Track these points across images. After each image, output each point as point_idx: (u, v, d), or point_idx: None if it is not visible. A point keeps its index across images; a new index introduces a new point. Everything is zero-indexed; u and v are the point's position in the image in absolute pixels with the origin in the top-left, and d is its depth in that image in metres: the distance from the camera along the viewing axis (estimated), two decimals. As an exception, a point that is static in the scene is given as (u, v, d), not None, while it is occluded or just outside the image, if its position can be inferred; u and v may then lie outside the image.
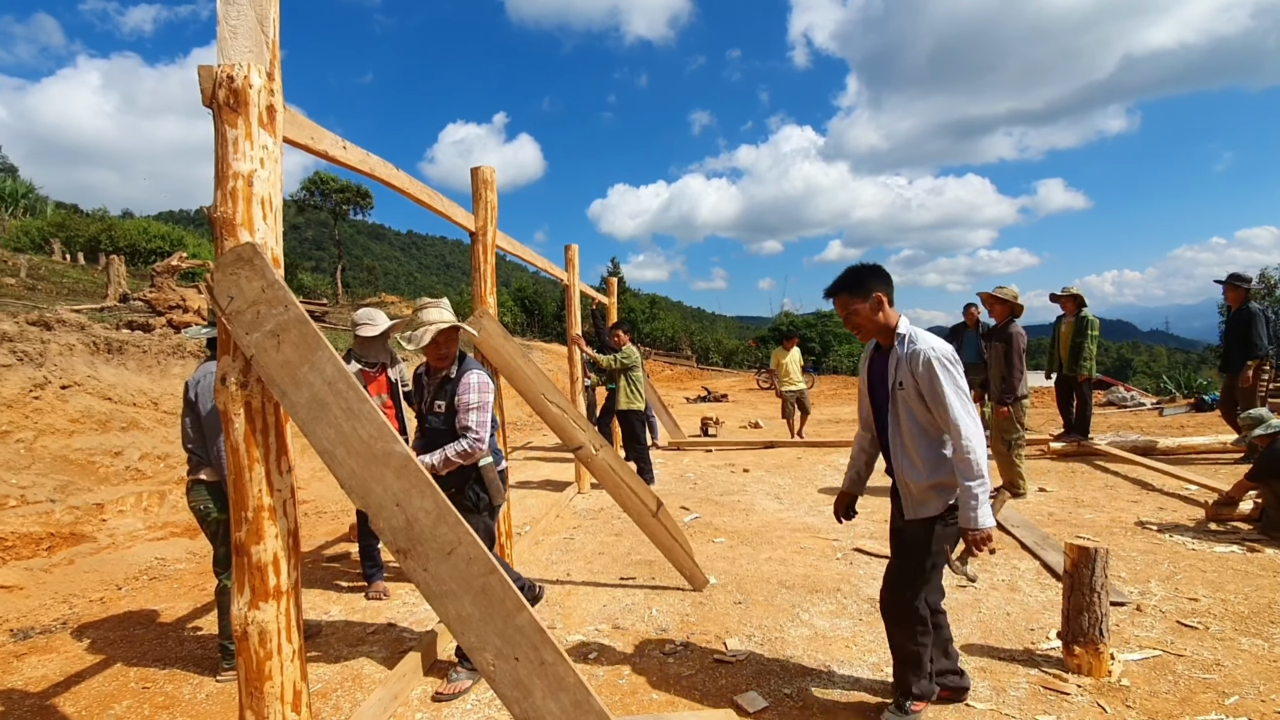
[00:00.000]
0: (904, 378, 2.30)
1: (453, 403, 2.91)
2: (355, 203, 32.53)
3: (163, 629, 3.58)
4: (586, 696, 1.71)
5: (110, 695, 2.86)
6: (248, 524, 1.84)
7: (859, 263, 2.46)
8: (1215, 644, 2.95)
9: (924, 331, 2.35)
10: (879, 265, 2.41)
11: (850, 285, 2.38)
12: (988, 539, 2.22)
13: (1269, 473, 4.24)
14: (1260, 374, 6.36)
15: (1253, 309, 6.47)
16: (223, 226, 1.83)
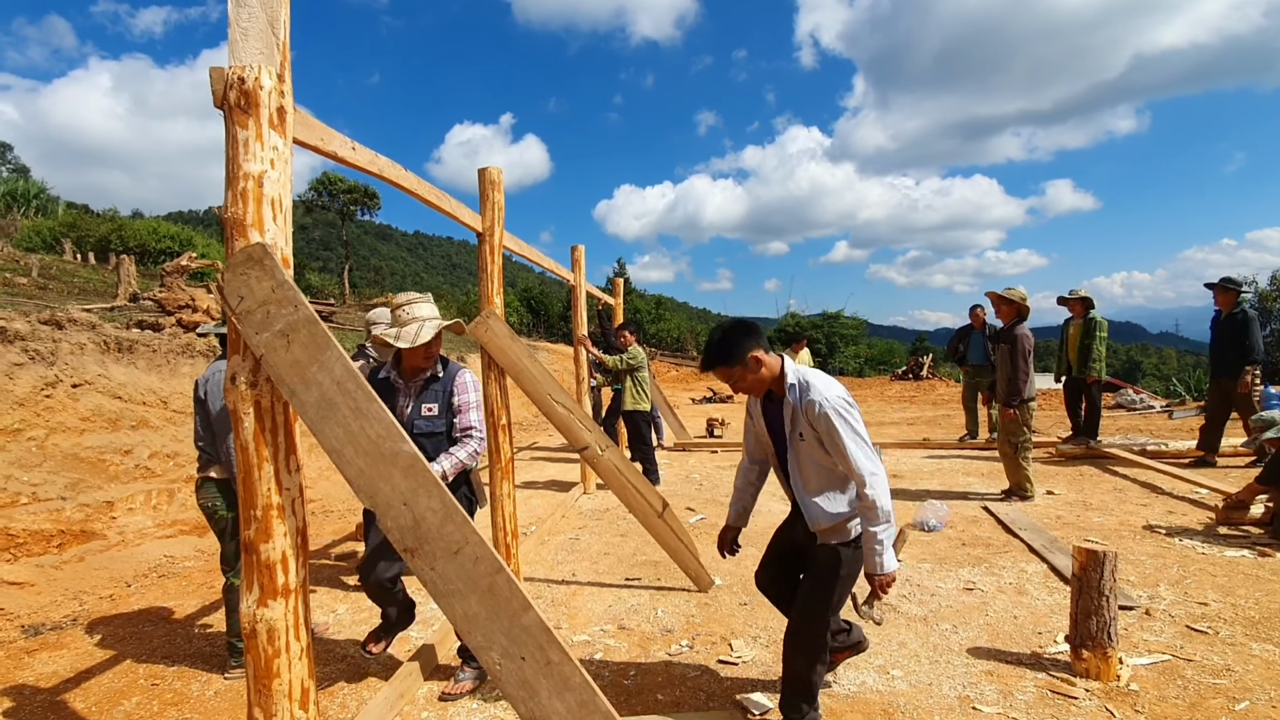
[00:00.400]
0: (803, 429, 2.28)
1: (449, 404, 2.86)
2: (363, 203, 32.66)
3: (172, 626, 3.60)
4: (592, 696, 1.71)
5: (120, 692, 2.89)
6: (256, 522, 1.85)
7: (720, 327, 2.37)
8: (1226, 649, 2.93)
9: (814, 374, 2.32)
10: (742, 322, 2.35)
11: (724, 357, 2.30)
12: (892, 582, 2.29)
13: (1273, 479, 4.21)
14: (1254, 378, 6.24)
15: (1248, 312, 6.32)
16: (233, 227, 1.84)
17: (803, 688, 2.39)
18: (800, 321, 28.59)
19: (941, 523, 4.94)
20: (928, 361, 20.54)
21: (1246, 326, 6.24)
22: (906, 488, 6.32)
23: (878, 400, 15.62)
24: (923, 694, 2.67)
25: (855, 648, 2.71)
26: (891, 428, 10.80)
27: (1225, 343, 6.40)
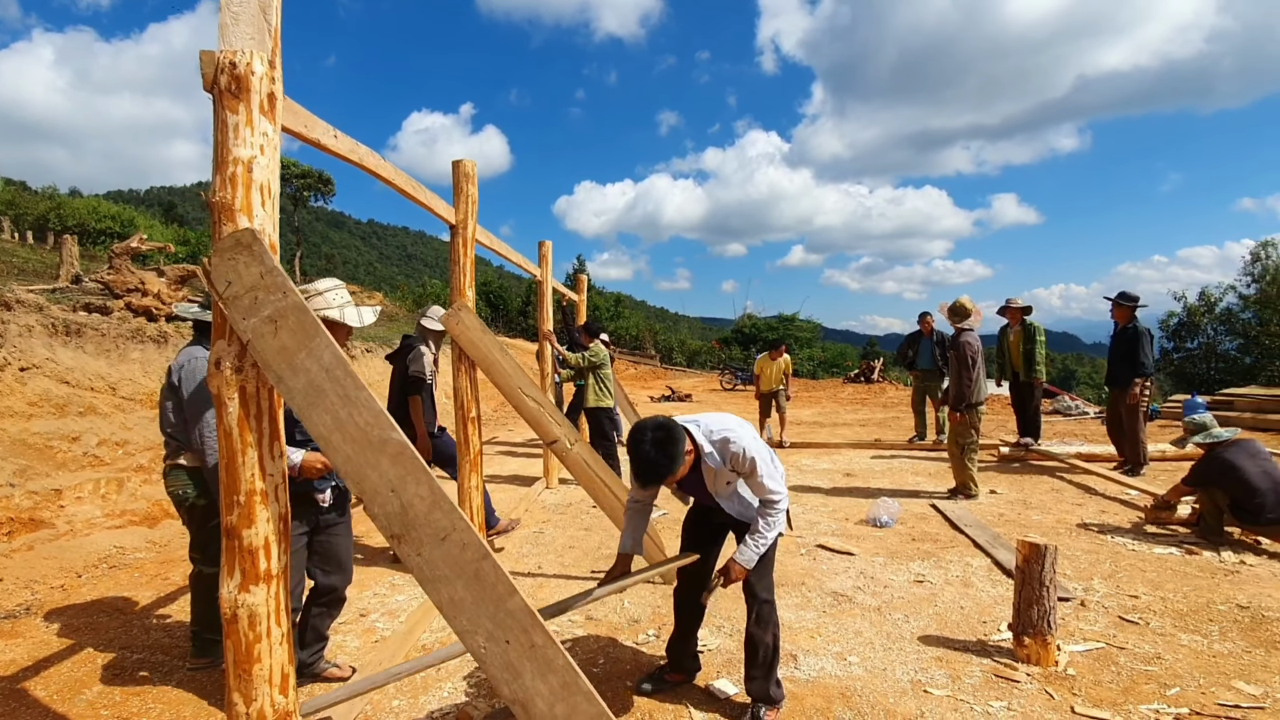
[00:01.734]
0: (730, 478, 2.51)
1: None
2: (317, 189, 31.76)
3: (128, 617, 3.50)
4: (575, 678, 1.77)
5: (80, 680, 2.81)
6: (239, 508, 1.85)
7: (653, 442, 2.34)
8: (1156, 638, 3.16)
9: (715, 423, 2.50)
10: (667, 430, 2.36)
11: (671, 468, 2.36)
12: (742, 577, 2.49)
13: (1204, 479, 4.53)
14: (1144, 391, 6.47)
15: (1140, 328, 6.52)
16: (221, 211, 1.83)
17: (772, 662, 2.54)
18: (757, 323, 29.08)
19: (893, 519, 5.16)
20: (878, 365, 21.17)
21: (1137, 341, 6.44)
22: (859, 485, 6.55)
23: (831, 402, 16.03)
24: (878, 678, 2.82)
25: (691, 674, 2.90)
26: (844, 429, 11.12)
27: (1119, 355, 6.63)
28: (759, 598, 2.57)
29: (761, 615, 2.56)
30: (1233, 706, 2.55)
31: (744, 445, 2.43)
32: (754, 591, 2.58)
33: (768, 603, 2.58)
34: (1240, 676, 2.78)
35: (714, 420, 2.52)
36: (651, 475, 2.37)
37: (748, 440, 2.46)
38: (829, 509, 5.68)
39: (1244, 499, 4.30)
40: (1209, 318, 26.32)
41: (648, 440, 2.34)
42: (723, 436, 2.45)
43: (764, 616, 2.56)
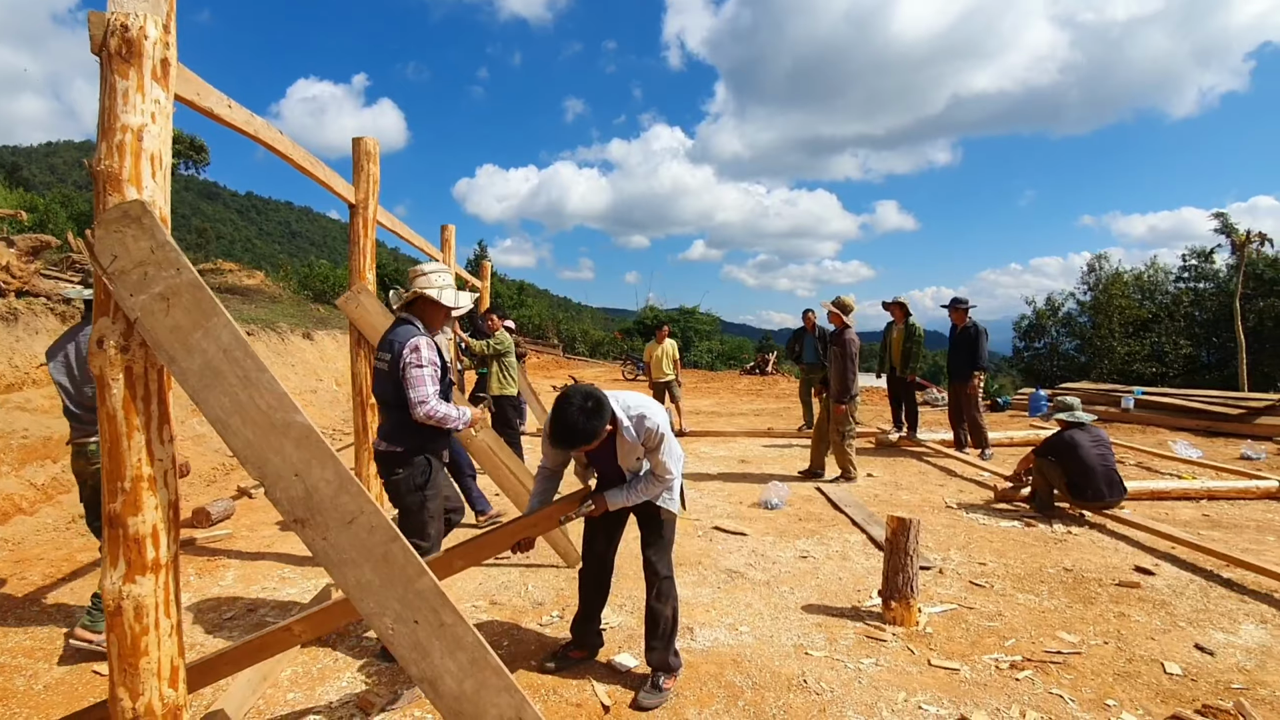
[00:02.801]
0: (640, 453, 2.63)
1: None
2: (188, 156, 28.96)
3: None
4: (484, 654, 1.83)
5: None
6: (124, 494, 1.76)
7: (580, 409, 2.43)
8: (998, 599, 3.62)
9: (632, 400, 2.65)
10: (595, 400, 2.47)
11: (593, 436, 2.47)
12: (603, 509, 2.66)
13: (1052, 450, 5.15)
14: (980, 383, 7.38)
15: (979, 326, 7.42)
16: (106, 181, 1.73)
17: (672, 637, 2.71)
18: (659, 315, 29.58)
19: (782, 501, 5.52)
20: (772, 359, 22.22)
21: (976, 339, 7.36)
22: (753, 471, 6.93)
23: (729, 393, 16.67)
24: (765, 645, 3.06)
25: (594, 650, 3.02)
26: (740, 418, 11.65)
27: (959, 353, 7.54)
28: (660, 574, 2.74)
29: (662, 591, 2.72)
30: (1055, 653, 2.99)
31: (657, 422, 2.60)
32: (655, 569, 2.74)
33: (668, 579, 2.76)
34: (1063, 628, 3.26)
35: (631, 398, 2.66)
36: (571, 440, 2.48)
37: (661, 419, 2.63)
38: (725, 493, 5.98)
39: (1078, 476, 4.96)
40: (1053, 321, 29.57)
41: (576, 406, 2.43)
42: (639, 413, 2.58)
43: (664, 592, 2.72)
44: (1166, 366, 24.93)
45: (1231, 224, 24.46)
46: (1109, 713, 2.54)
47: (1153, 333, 25.97)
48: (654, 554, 2.74)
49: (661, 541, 2.76)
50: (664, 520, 2.79)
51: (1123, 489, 4.98)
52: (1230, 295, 23.77)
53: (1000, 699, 2.62)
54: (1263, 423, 8.76)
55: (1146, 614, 3.42)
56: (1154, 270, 28.50)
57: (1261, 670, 2.86)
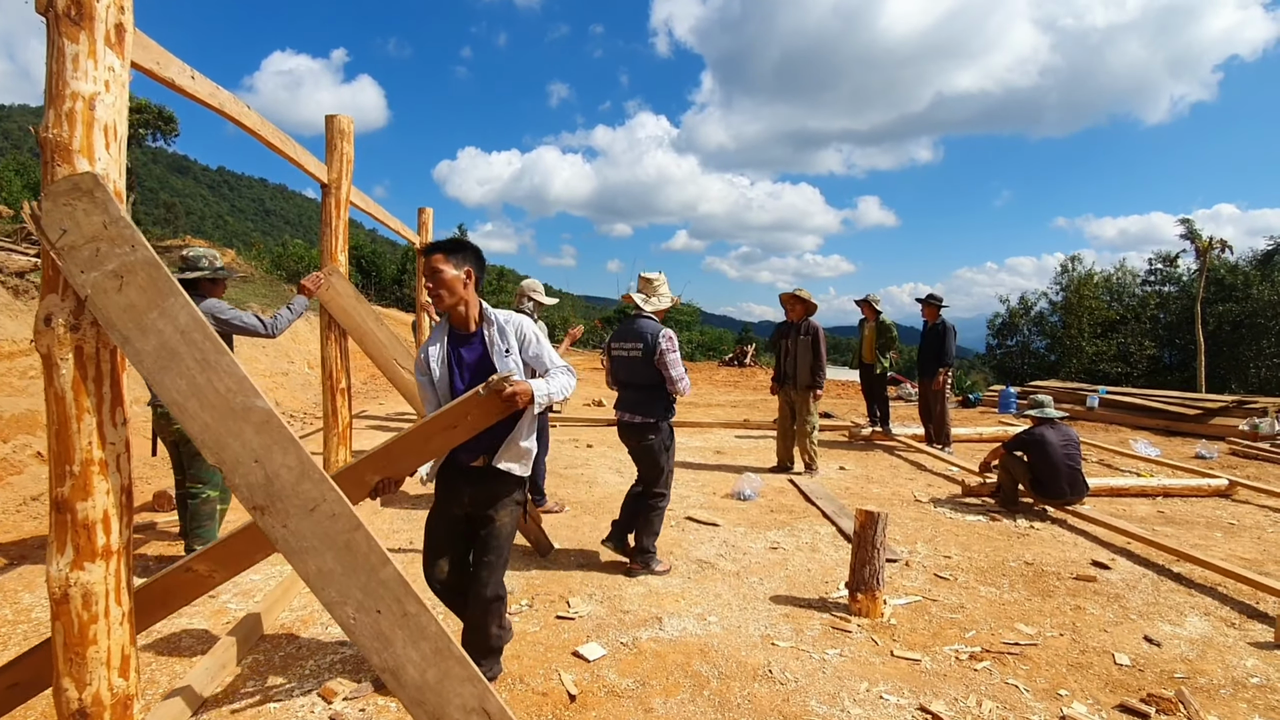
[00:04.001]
0: (509, 345, 2.40)
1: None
2: (156, 127, 27.96)
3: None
4: (448, 644, 1.81)
5: None
6: (73, 479, 1.71)
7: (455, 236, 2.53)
8: (961, 591, 3.69)
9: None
10: (477, 247, 2.44)
11: (456, 249, 2.37)
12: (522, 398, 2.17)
13: (1020, 445, 5.24)
14: (947, 379, 7.49)
15: (947, 324, 7.49)
16: (55, 150, 1.66)
17: (498, 649, 2.59)
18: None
19: (755, 493, 5.55)
20: (751, 350, 22.33)
21: (943, 336, 7.44)
22: (728, 462, 6.96)
23: (707, 384, 16.72)
24: (733, 635, 3.08)
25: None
26: (717, 409, 11.69)
27: (928, 349, 7.63)
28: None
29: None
30: (1014, 644, 3.06)
31: (524, 319, 2.44)
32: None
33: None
34: (1021, 620, 3.33)
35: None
36: (438, 242, 2.38)
37: (533, 323, 2.52)
38: (699, 484, 6.01)
39: (1043, 473, 5.06)
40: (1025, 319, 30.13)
41: (456, 236, 2.40)
42: (498, 310, 2.47)
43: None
44: (1131, 367, 25.59)
45: (1196, 230, 25.10)
46: (1061, 702, 2.60)
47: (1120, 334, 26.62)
48: (486, 571, 2.47)
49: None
50: (503, 528, 2.50)
51: (1085, 488, 5.09)
52: (1192, 299, 24.44)
53: (958, 689, 2.67)
54: (1217, 423, 9.03)
55: (1101, 607, 3.51)
56: (1122, 273, 29.17)
57: (1202, 660, 2.97)
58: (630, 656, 2.85)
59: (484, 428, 2.25)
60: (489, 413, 2.20)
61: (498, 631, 2.56)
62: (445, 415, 2.19)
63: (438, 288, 2.36)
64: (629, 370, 3.73)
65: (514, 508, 2.52)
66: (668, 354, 3.59)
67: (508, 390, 2.14)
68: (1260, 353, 23.80)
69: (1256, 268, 25.41)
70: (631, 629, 3.10)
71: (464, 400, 2.17)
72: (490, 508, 2.48)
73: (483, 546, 2.49)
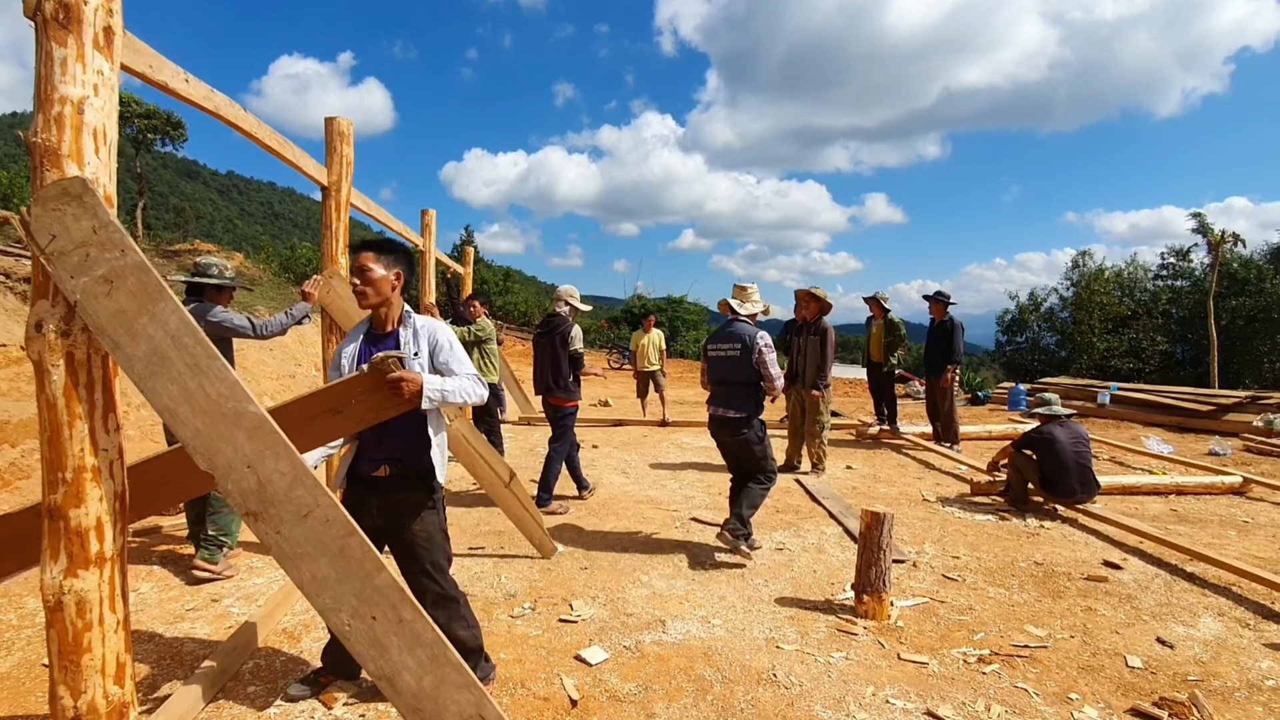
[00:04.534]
0: (419, 349, 2.36)
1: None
2: (165, 132, 28.15)
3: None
4: (444, 650, 1.79)
5: None
6: (65, 485, 1.69)
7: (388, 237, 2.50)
8: (970, 592, 3.64)
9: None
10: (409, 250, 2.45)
11: (388, 248, 2.37)
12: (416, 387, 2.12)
13: (1029, 444, 5.18)
14: (954, 377, 7.42)
15: (955, 321, 7.42)
16: (44, 155, 1.64)
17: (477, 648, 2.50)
18: (646, 304, 29.51)
19: (761, 493, 5.51)
20: (758, 349, 22.21)
21: (951, 333, 7.36)
22: (733, 462, 6.92)
23: (712, 382, 16.68)
24: (737, 638, 3.04)
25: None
26: (723, 408, 11.64)
27: (935, 346, 7.54)
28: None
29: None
30: (1023, 647, 3.01)
31: (442, 324, 2.42)
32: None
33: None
34: (1031, 621, 3.28)
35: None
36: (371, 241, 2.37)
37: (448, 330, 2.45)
38: (704, 484, 5.97)
39: (1052, 472, 5.00)
40: (1035, 316, 29.87)
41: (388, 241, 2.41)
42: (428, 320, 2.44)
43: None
44: (1143, 362, 25.31)
45: (1208, 224, 24.79)
46: (1071, 706, 2.55)
47: (1131, 329, 26.34)
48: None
49: (433, 564, 2.41)
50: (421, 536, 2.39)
51: (1096, 486, 5.02)
52: (1205, 294, 24.16)
53: (966, 693, 2.62)
54: (1231, 419, 8.90)
55: (1112, 608, 3.45)
56: (1134, 267, 28.86)
57: (1216, 662, 2.90)
58: (633, 660, 2.83)
59: (374, 421, 2.16)
60: (377, 403, 2.10)
61: (466, 632, 2.45)
62: (328, 394, 2.09)
63: (364, 285, 2.33)
64: (727, 369, 4.09)
65: (429, 514, 2.41)
66: (765, 354, 3.99)
67: (393, 373, 2.07)
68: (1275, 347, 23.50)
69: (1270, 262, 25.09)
70: (634, 632, 3.07)
71: (349, 380, 2.11)
72: (402, 519, 2.38)
73: (405, 558, 2.41)
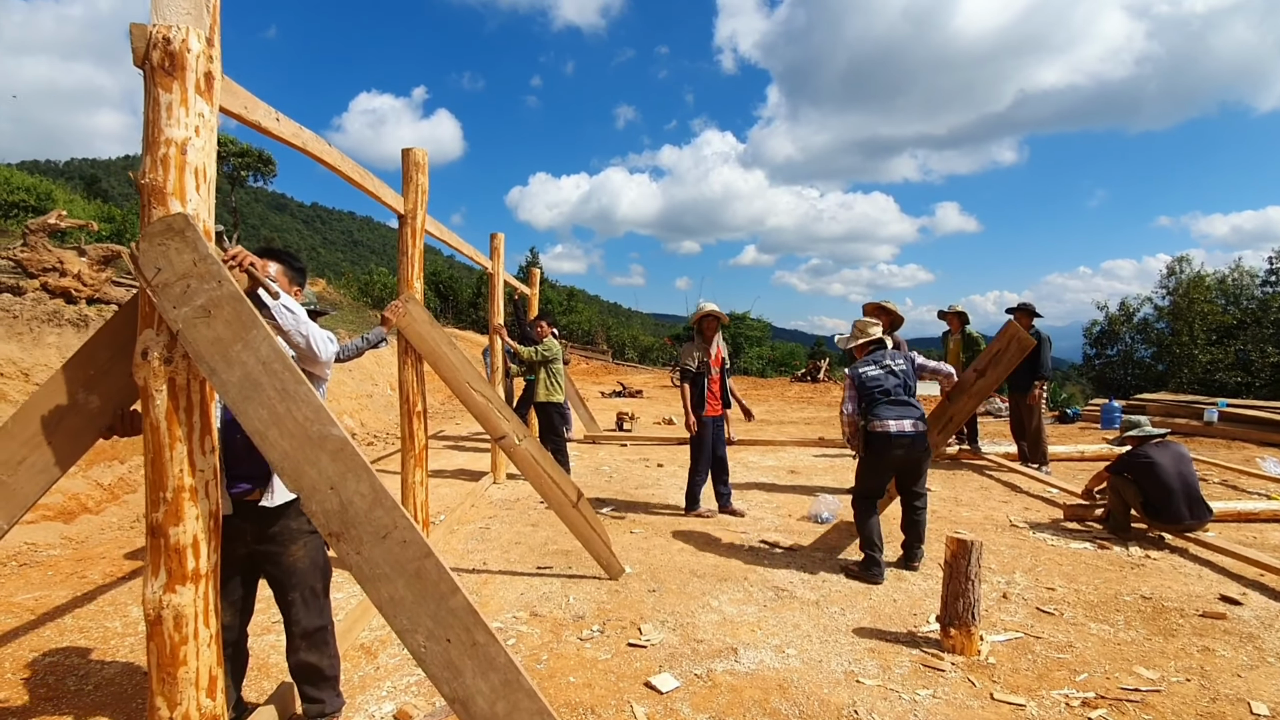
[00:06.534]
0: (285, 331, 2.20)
1: None
2: (256, 169, 30.31)
3: (40, 619, 3.30)
4: (517, 675, 1.77)
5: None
6: (166, 504, 1.78)
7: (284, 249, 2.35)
8: (1069, 628, 3.37)
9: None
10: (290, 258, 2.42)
11: (288, 261, 2.37)
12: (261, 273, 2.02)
13: (1127, 468, 4.80)
14: (1042, 393, 6.95)
15: (1041, 334, 6.91)
16: (151, 194, 1.76)
17: (333, 677, 2.42)
18: (709, 321, 29.33)
19: (833, 515, 5.32)
20: (825, 365, 21.71)
21: (1038, 347, 6.82)
22: (803, 483, 6.73)
23: (779, 400, 16.37)
24: (814, 670, 2.91)
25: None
26: (790, 426, 11.39)
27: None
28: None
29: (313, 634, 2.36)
30: (1133, 690, 2.75)
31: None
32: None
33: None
34: (1141, 662, 3.00)
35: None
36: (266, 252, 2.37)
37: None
38: (773, 505, 5.82)
39: (1156, 496, 4.60)
40: (1127, 327, 27.97)
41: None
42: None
43: (321, 633, 2.39)
44: (1253, 376, 23.22)
45: (1327, 222, 22.67)
46: (1197, 762, 2.31)
47: (1238, 340, 24.25)
48: (295, 610, 2.31)
49: (310, 592, 2.32)
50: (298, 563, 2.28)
51: (1207, 510, 4.59)
52: (1326, 299, 22.01)
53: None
54: (1369, 439, 8.01)
55: (1233, 648, 3.12)
56: (1239, 273, 26.64)
57: (1374, 720, 2.56)
58: (705, 689, 2.74)
59: None
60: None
61: (328, 662, 2.39)
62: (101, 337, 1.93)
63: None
64: (901, 383, 4.21)
65: (307, 539, 2.31)
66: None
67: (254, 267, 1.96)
68: None
69: (1401, 262, 22.67)
70: (706, 659, 2.99)
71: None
72: (276, 544, 2.27)
73: (280, 586, 2.30)
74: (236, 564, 2.25)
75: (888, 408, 4.10)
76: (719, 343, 5.44)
